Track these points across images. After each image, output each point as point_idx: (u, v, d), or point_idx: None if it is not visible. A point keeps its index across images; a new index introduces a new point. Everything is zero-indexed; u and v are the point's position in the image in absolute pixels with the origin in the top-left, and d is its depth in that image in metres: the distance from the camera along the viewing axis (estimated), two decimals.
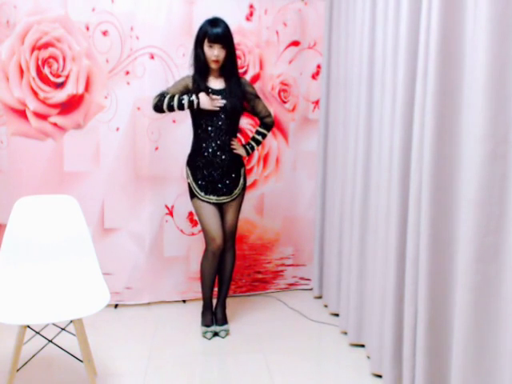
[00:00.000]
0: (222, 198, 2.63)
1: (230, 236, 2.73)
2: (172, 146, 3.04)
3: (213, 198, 2.61)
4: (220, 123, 2.55)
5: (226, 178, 2.61)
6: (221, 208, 2.66)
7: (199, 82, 2.55)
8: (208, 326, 2.73)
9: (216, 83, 2.59)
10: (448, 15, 1.76)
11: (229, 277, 2.78)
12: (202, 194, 2.60)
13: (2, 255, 2.13)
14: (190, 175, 2.63)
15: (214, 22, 2.49)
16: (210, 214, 2.60)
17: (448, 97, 1.79)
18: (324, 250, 3.25)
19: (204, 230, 2.64)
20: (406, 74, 2.03)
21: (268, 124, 2.75)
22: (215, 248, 2.61)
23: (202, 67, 2.55)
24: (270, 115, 2.75)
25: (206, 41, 2.49)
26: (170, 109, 2.54)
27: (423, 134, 1.89)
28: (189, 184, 2.65)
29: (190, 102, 2.50)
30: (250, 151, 2.71)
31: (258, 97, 2.71)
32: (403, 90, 2.04)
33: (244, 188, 2.72)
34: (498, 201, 1.56)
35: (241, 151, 2.66)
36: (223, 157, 2.59)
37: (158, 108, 2.55)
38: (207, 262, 2.66)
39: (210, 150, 2.57)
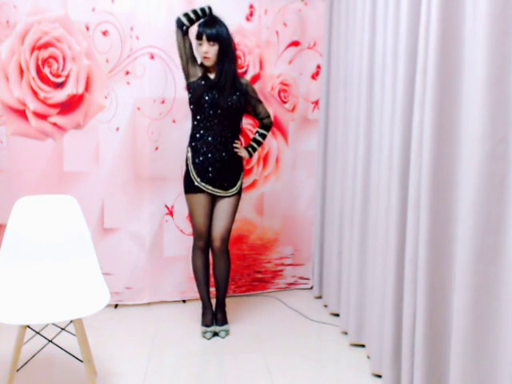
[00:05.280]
0: (217, 190, 2.62)
1: (222, 240, 2.67)
2: (172, 146, 3.04)
3: (209, 188, 2.61)
4: (219, 121, 2.56)
5: (224, 175, 2.62)
6: (214, 204, 2.66)
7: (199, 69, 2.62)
8: (208, 325, 2.74)
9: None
10: (447, 15, 1.76)
11: (225, 280, 2.76)
12: (199, 179, 2.59)
13: (2, 255, 2.13)
14: (190, 164, 2.61)
15: (206, 21, 2.53)
16: (202, 209, 2.64)
17: (447, 96, 1.80)
18: (324, 249, 3.25)
19: (193, 225, 2.70)
20: (406, 74, 2.03)
21: (267, 125, 2.78)
22: (201, 242, 2.68)
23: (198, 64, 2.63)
24: (269, 116, 2.78)
25: (196, 39, 2.54)
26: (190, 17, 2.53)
27: (422, 133, 1.89)
28: (185, 176, 2.65)
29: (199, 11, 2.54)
30: (252, 152, 2.75)
31: (259, 100, 2.73)
32: (403, 89, 2.05)
33: (240, 192, 2.72)
34: (498, 200, 1.56)
35: (243, 153, 2.69)
36: (224, 155, 2.60)
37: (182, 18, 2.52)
38: (196, 258, 2.73)
39: (212, 148, 2.57)
